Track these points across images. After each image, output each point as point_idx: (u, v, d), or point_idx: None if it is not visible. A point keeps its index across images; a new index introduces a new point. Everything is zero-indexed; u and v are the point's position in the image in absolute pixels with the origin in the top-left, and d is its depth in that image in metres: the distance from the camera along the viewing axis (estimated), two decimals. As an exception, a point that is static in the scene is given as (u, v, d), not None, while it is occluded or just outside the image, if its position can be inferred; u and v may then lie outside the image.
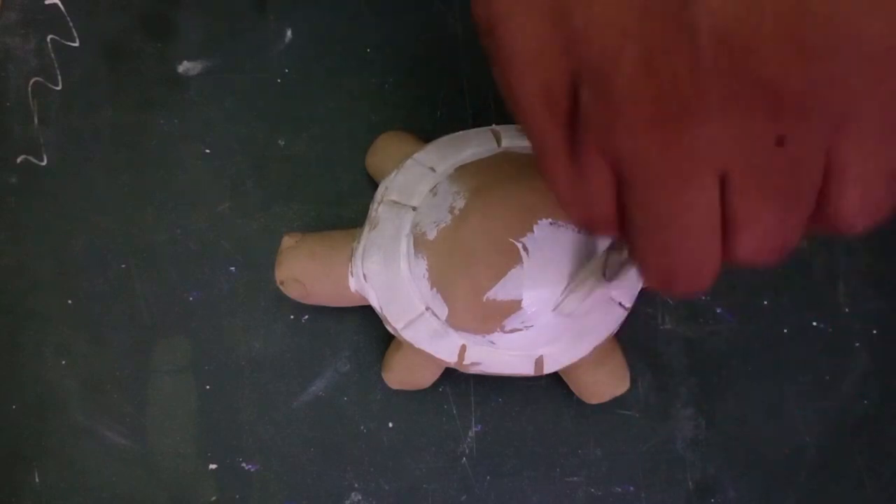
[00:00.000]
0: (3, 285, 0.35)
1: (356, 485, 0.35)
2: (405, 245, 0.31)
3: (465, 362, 0.32)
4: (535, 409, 0.36)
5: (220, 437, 0.35)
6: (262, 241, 0.36)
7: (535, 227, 0.29)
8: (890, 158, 0.18)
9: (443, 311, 0.31)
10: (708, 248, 0.19)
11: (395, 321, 0.31)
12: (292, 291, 0.33)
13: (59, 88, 0.36)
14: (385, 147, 0.35)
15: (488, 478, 0.36)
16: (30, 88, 0.36)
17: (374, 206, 0.33)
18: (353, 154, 0.36)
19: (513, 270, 0.29)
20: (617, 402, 0.36)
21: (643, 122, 0.18)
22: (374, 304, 0.32)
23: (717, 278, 0.20)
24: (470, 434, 0.36)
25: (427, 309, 0.31)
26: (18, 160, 0.36)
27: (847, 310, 0.37)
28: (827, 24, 0.16)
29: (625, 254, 0.25)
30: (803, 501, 0.36)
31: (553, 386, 0.36)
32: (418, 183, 0.32)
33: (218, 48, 0.37)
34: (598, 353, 0.33)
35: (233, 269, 0.36)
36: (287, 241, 0.33)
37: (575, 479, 0.36)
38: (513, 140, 0.33)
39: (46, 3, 0.37)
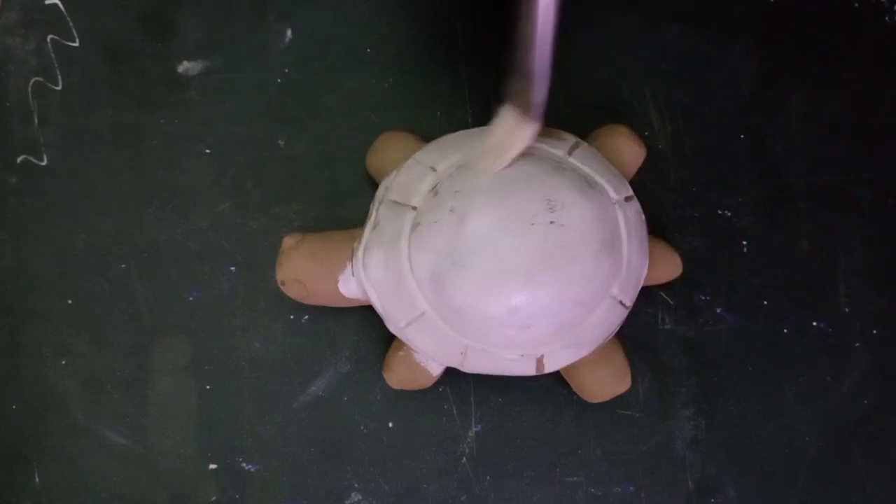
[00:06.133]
0: (3, 285, 0.35)
1: (356, 485, 0.35)
2: (406, 245, 0.31)
3: (465, 362, 0.32)
4: (535, 409, 0.36)
5: (220, 437, 0.35)
6: (262, 241, 0.36)
7: (535, 227, 0.29)
8: None
9: (444, 311, 0.31)
10: None
11: (397, 320, 0.31)
12: (293, 292, 0.33)
13: (59, 88, 0.36)
14: (385, 147, 0.35)
15: (488, 478, 0.36)
16: (30, 88, 0.36)
17: (374, 205, 0.33)
18: (353, 154, 0.36)
19: (513, 270, 0.29)
20: (617, 401, 0.36)
21: None
22: (376, 303, 0.32)
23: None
24: (470, 434, 0.36)
25: (428, 308, 0.31)
26: (18, 160, 0.36)
27: (847, 310, 0.37)
28: None
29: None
30: (803, 501, 0.36)
31: (553, 386, 0.36)
32: (419, 182, 0.32)
33: (218, 48, 0.37)
34: (599, 352, 0.33)
35: (233, 269, 0.36)
36: (288, 241, 0.33)
37: (575, 479, 0.36)
38: (513, 140, 0.33)
39: (46, 2, 0.37)
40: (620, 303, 0.32)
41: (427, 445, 0.36)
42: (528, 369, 0.32)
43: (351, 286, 0.32)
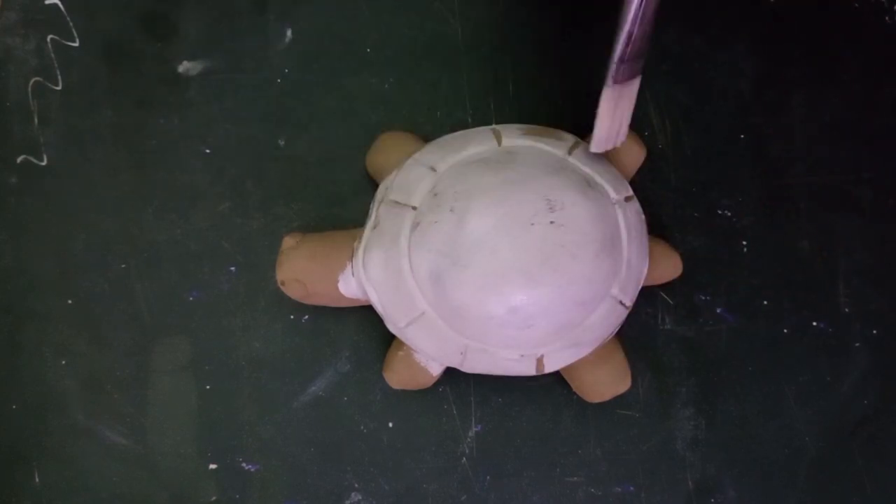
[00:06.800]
0: (3, 285, 0.35)
1: (356, 485, 0.35)
2: (406, 244, 0.31)
3: (465, 362, 0.32)
4: (535, 409, 0.36)
5: (220, 437, 0.35)
6: (262, 241, 0.36)
7: (535, 227, 0.29)
8: None
9: (444, 311, 0.31)
10: None
11: (397, 320, 0.31)
12: (293, 292, 0.33)
13: (59, 88, 0.36)
14: (385, 147, 0.35)
15: (488, 478, 0.36)
16: (30, 88, 0.36)
17: (374, 205, 0.33)
18: (353, 154, 0.36)
19: (513, 270, 0.29)
20: (617, 401, 0.36)
21: None
22: (376, 303, 0.32)
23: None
24: (470, 434, 0.36)
25: (428, 308, 0.31)
26: (18, 160, 0.36)
27: (847, 310, 0.37)
28: None
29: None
30: (803, 501, 0.36)
31: (553, 386, 0.36)
32: (418, 182, 0.32)
33: (218, 48, 0.37)
34: (599, 352, 0.33)
35: (233, 269, 0.36)
36: (288, 241, 0.33)
37: (575, 479, 0.36)
38: (513, 139, 0.33)
39: (46, 2, 0.37)
40: (620, 303, 0.32)
41: (427, 445, 0.36)
42: (528, 369, 0.32)
43: (351, 286, 0.32)
